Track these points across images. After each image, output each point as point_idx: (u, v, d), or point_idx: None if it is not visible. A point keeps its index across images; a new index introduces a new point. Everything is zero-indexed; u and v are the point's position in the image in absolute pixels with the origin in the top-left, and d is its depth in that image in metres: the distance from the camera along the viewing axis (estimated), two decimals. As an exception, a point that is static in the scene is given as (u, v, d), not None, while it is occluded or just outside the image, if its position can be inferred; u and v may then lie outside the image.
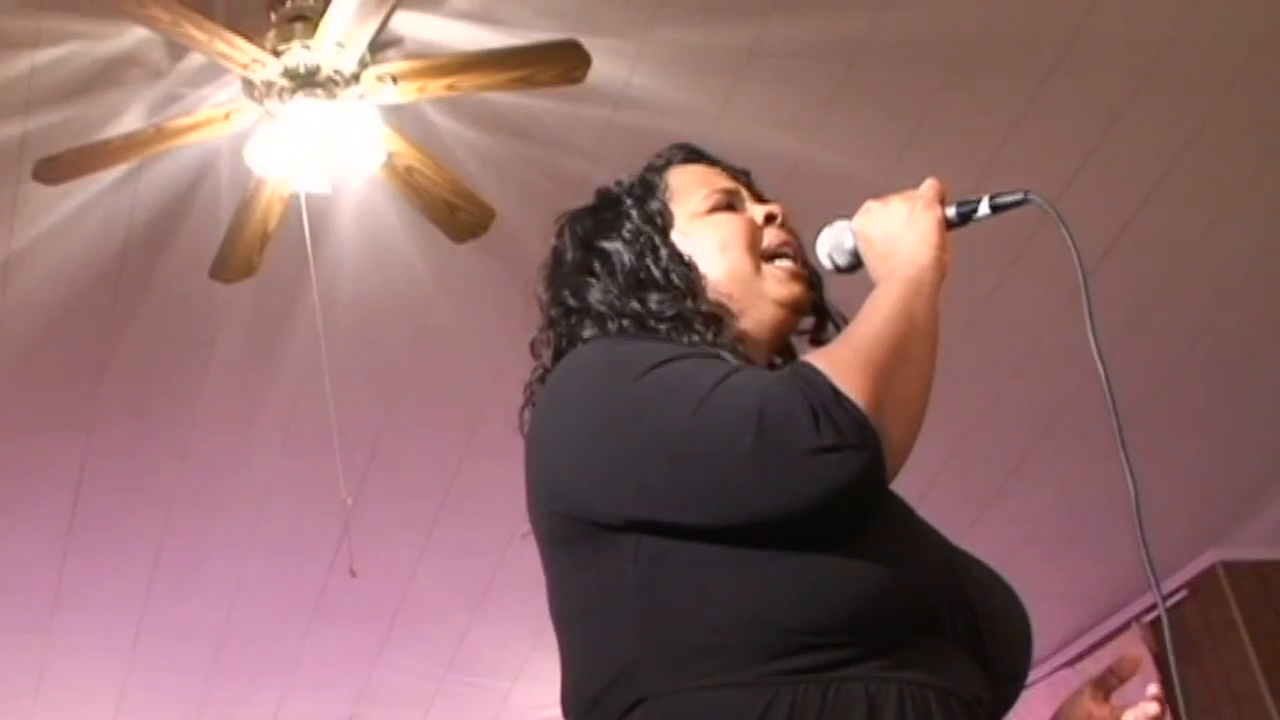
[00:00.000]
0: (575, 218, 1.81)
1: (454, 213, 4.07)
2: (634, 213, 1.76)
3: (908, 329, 1.53)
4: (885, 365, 1.48)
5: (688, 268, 1.71)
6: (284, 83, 3.76)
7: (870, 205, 1.72)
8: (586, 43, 3.74)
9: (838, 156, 4.30)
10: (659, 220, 1.75)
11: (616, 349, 1.59)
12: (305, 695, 6.34)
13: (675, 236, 1.75)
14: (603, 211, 1.79)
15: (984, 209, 1.69)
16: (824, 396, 1.44)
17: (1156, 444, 5.49)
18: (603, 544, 1.51)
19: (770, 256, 1.76)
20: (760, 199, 1.84)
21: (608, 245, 1.74)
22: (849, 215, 1.75)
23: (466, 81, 3.77)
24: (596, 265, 1.74)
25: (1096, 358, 1.68)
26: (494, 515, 5.20)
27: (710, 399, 1.45)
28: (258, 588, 5.72)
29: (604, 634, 1.51)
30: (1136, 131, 4.40)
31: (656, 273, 1.71)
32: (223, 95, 3.94)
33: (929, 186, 1.72)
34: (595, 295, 1.71)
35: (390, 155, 3.91)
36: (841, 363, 1.48)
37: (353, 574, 4.53)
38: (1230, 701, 5.88)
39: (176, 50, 3.85)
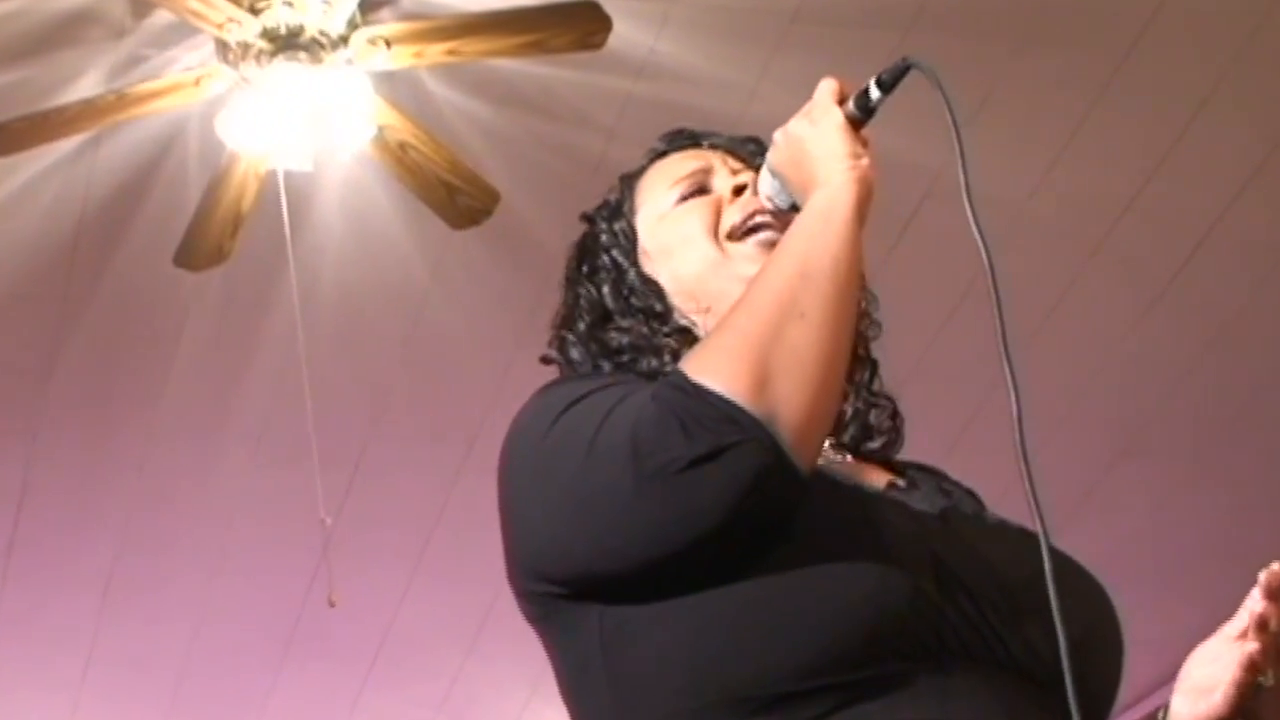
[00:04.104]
0: (570, 256, 1.85)
1: (453, 195, 4.08)
2: (604, 238, 1.81)
3: (796, 280, 1.52)
4: (761, 335, 1.48)
5: (651, 287, 1.75)
6: (262, 45, 3.77)
7: (775, 136, 1.72)
8: (606, 4, 3.75)
9: (890, 136, 4.27)
10: (624, 242, 1.79)
11: (542, 399, 1.63)
12: (275, 741, 6.36)
13: (640, 255, 1.78)
14: (585, 243, 1.84)
15: (875, 92, 1.68)
16: (687, 399, 1.45)
17: (1248, 464, 5.48)
18: (570, 617, 1.56)
19: (743, 233, 1.76)
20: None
21: (580, 289, 1.79)
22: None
23: (469, 46, 3.78)
24: (573, 314, 1.79)
25: (976, 235, 1.63)
26: (492, 540, 5.18)
27: (595, 442, 1.49)
28: (223, 619, 5.74)
29: (589, 711, 1.57)
30: (1228, 115, 4.40)
31: (622, 303, 1.75)
32: (193, 58, 3.95)
33: (822, 89, 1.71)
34: (574, 354, 1.76)
35: (381, 129, 3.92)
36: (704, 354, 1.50)
37: (331, 604, 4.54)
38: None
39: (141, 6, 3.87)
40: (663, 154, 1.87)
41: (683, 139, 1.88)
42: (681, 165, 1.83)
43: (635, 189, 1.83)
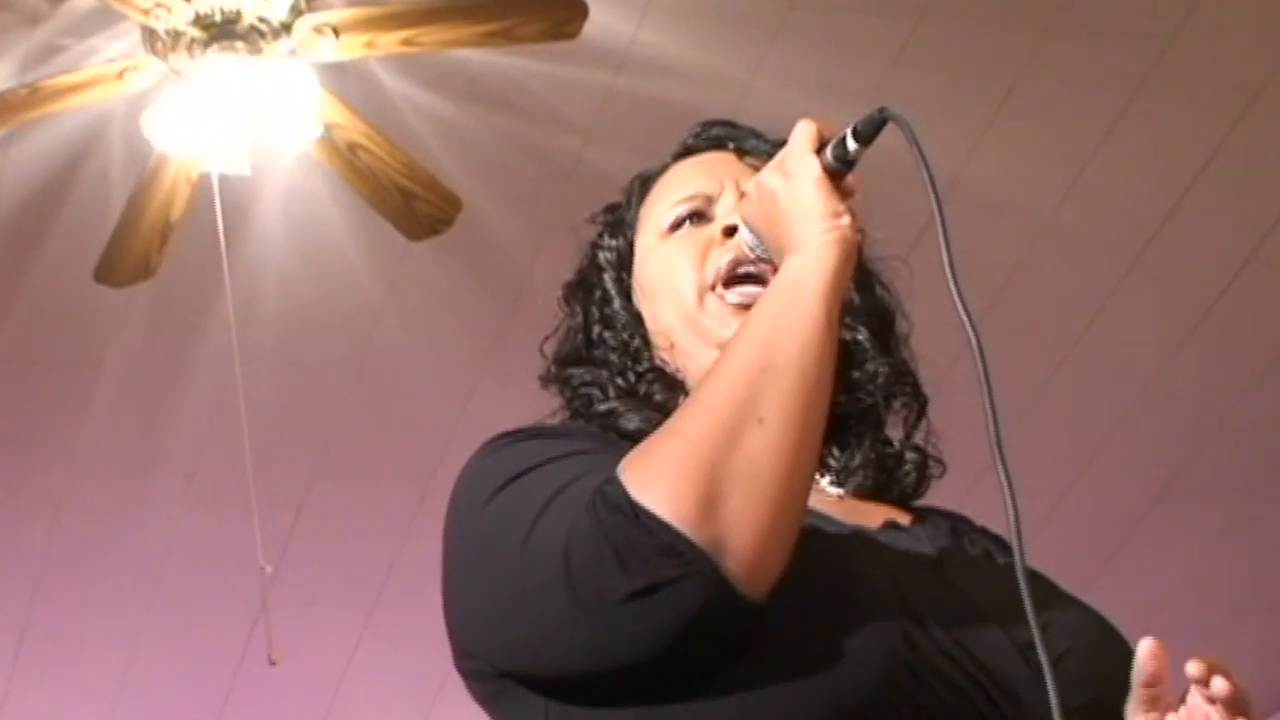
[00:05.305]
0: (580, 262, 1.85)
1: (409, 202, 4.07)
2: (601, 255, 1.81)
3: (755, 375, 1.49)
4: (712, 445, 1.45)
5: (631, 327, 1.76)
6: (195, 33, 3.77)
7: (748, 187, 1.70)
8: (582, -12, 3.76)
9: (899, 139, 4.31)
10: (619, 263, 1.80)
11: (487, 460, 1.63)
12: (208, 818, 6.34)
13: (633, 283, 1.79)
14: (592, 253, 1.84)
15: (852, 143, 1.66)
16: (625, 523, 1.43)
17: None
18: (517, 699, 1.57)
19: (728, 282, 1.74)
20: None
21: (575, 308, 1.81)
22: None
23: (428, 35, 3.77)
24: (565, 338, 1.80)
25: (964, 318, 1.61)
26: (454, 590, 5.18)
27: (528, 541, 1.49)
28: (150, 680, 5.72)
29: None
30: (1279, 114, 4.42)
31: (600, 333, 1.77)
32: (116, 48, 3.95)
33: (798, 134, 1.66)
34: (555, 384, 1.78)
35: (329, 128, 3.92)
36: (647, 464, 1.46)
37: (272, 663, 4.53)
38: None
39: (58, -10, 3.88)
40: (688, 151, 1.85)
41: (712, 134, 1.86)
42: (690, 179, 1.81)
43: (647, 197, 1.82)
